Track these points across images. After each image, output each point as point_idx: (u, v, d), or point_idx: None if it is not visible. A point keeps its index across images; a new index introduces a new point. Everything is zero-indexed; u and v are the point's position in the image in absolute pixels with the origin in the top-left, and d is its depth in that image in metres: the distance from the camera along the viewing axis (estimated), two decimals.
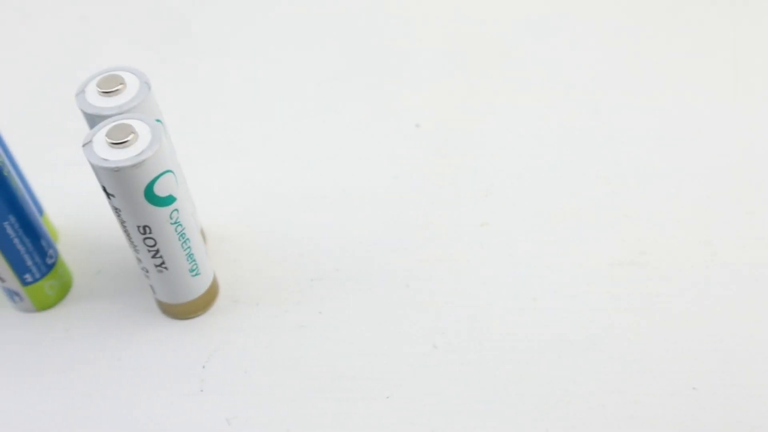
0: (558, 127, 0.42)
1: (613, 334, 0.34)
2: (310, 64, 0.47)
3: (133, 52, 0.49)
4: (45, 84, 0.47)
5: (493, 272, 0.37)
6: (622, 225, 0.38)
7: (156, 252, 0.32)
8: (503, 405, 0.32)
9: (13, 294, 0.35)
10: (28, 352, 0.35)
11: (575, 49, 0.46)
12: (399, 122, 0.43)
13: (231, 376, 0.34)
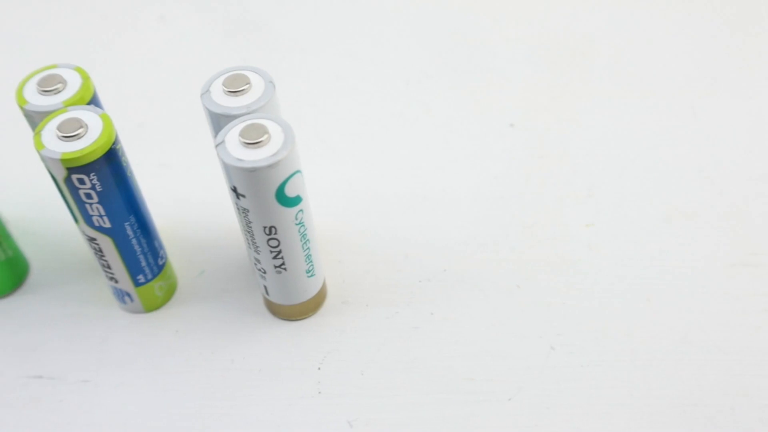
0: (655, 126, 0.42)
1: (736, 336, 0.34)
2: (399, 63, 0.46)
3: (218, 51, 0.49)
4: (122, 84, 0.47)
5: (604, 273, 0.36)
6: (730, 225, 0.37)
7: (278, 253, 0.32)
8: (628, 408, 0.32)
9: (124, 295, 0.35)
10: (140, 354, 0.35)
11: (668, 45, 0.46)
12: (493, 122, 0.43)
13: (348, 377, 0.34)
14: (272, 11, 0.51)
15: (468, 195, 0.40)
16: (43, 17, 0.52)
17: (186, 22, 0.51)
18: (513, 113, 0.43)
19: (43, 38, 0.50)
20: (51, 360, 0.35)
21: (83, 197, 0.30)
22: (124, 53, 0.49)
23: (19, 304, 0.37)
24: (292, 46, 0.49)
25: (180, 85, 0.47)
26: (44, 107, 0.31)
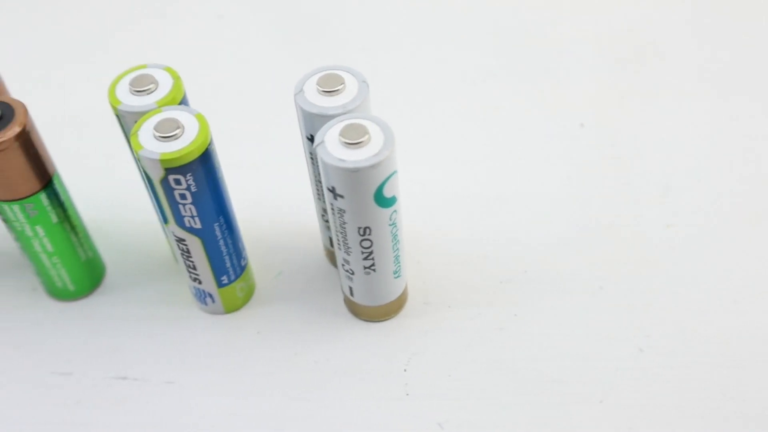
0: (726, 126, 0.42)
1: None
2: (466, 62, 0.46)
3: (277, 50, 0.49)
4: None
5: (687, 274, 0.36)
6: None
7: (369, 254, 0.31)
8: (722, 410, 0.32)
9: (206, 296, 0.35)
10: (222, 355, 0.35)
11: (741, 42, 0.45)
12: (562, 122, 0.43)
13: (435, 379, 0.33)
14: (332, 9, 0.51)
15: (541, 195, 0.39)
16: (99, 18, 0.52)
17: (244, 21, 0.51)
18: (583, 113, 0.43)
19: (103, 39, 0.50)
20: (134, 361, 0.35)
21: (177, 198, 0.30)
22: (183, 53, 0.49)
23: (97, 304, 0.37)
24: (353, 44, 0.49)
25: (241, 83, 0.47)
26: (138, 107, 0.31)
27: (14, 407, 0.34)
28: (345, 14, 0.50)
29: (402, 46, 0.48)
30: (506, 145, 0.42)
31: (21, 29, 0.51)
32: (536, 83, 0.45)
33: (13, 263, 0.38)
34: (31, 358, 0.35)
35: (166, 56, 0.49)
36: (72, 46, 0.49)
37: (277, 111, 0.44)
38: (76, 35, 0.50)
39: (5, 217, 0.32)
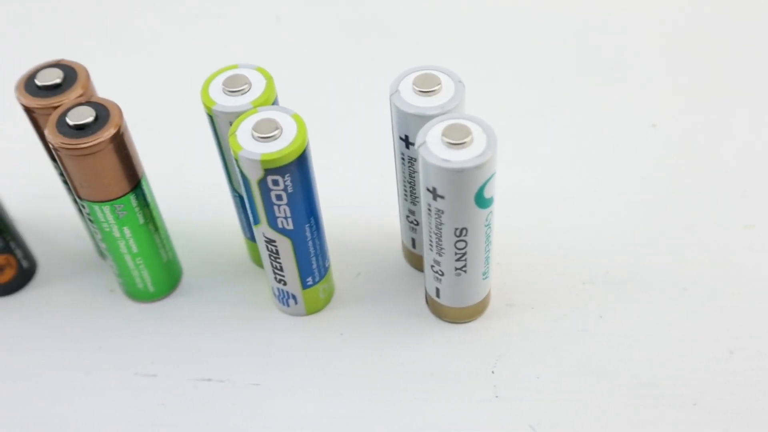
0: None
1: None
2: (534, 63, 0.46)
3: (337, 51, 0.49)
4: None
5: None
6: None
7: (462, 255, 0.31)
8: None
9: (289, 297, 0.35)
10: (306, 357, 0.34)
11: None
12: (634, 122, 0.42)
13: (524, 381, 0.33)
14: (393, 9, 0.51)
15: (617, 196, 0.39)
16: (158, 20, 0.52)
17: (302, 22, 0.51)
18: (654, 113, 0.43)
19: (163, 41, 0.50)
20: (217, 363, 0.34)
21: (273, 199, 0.30)
22: (241, 54, 0.49)
23: (177, 306, 0.37)
24: (415, 45, 0.48)
25: (301, 84, 0.46)
26: (233, 108, 0.30)
27: (101, 408, 0.33)
28: (405, 14, 0.50)
29: (467, 46, 0.48)
30: (576, 146, 0.42)
31: (106, 31, 0.51)
32: (607, 84, 0.44)
33: (89, 264, 0.38)
34: (114, 359, 0.35)
35: (224, 57, 0.49)
36: (136, 47, 0.49)
37: (343, 111, 0.44)
38: (142, 36, 0.50)
39: (93, 218, 0.32)
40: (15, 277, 0.37)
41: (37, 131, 0.33)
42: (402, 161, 0.32)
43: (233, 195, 0.35)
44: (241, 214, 0.35)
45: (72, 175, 0.31)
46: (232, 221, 0.39)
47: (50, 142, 0.30)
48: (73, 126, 0.30)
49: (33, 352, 0.35)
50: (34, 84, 0.32)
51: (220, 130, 0.31)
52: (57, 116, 0.30)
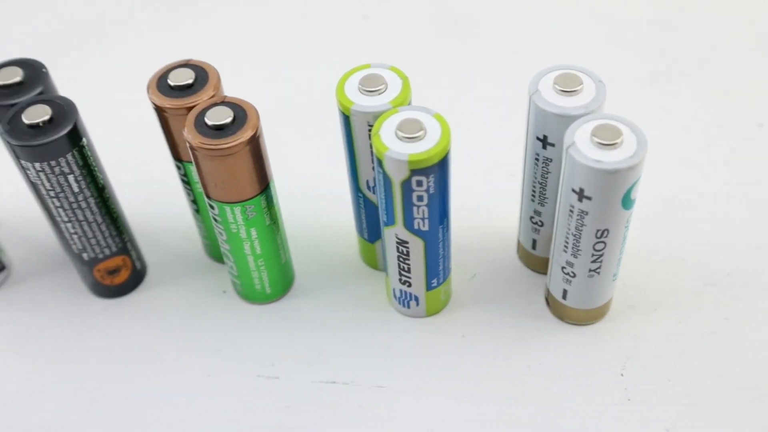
0: None
1: None
2: (631, 62, 0.45)
3: (424, 51, 0.48)
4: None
5: None
6: None
7: (599, 256, 0.31)
8: None
9: (411, 299, 0.34)
10: (429, 358, 0.34)
11: None
12: (739, 121, 0.42)
13: (655, 384, 0.33)
14: (478, 8, 0.50)
15: (727, 196, 0.39)
16: (238, 20, 0.52)
17: (390, 21, 0.50)
18: (760, 113, 0.42)
19: (246, 40, 0.50)
20: (339, 365, 0.34)
21: (414, 200, 0.30)
22: (327, 54, 0.49)
23: (292, 307, 0.36)
24: (503, 44, 0.48)
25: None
26: (372, 108, 0.30)
27: (226, 410, 0.33)
28: (493, 13, 0.50)
29: (555, 45, 0.47)
30: (681, 146, 0.41)
31: (204, 34, 0.51)
32: (710, 83, 0.44)
33: (198, 265, 0.38)
34: (234, 361, 0.34)
35: (309, 57, 0.49)
36: (226, 49, 0.49)
37: (446, 112, 0.44)
38: (233, 38, 0.50)
39: (222, 218, 0.32)
40: (129, 279, 0.37)
41: (165, 130, 0.32)
42: (535, 162, 0.32)
43: (356, 195, 0.34)
44: (361, 214, 0.35)
45: (206, 175, 0.30)
46: (343, 222, 0.39)
47: (189, 141, 0.30)
48: (211, 126, 0.30)
49: (151, 354, 0.35)
50: (167, 84, 0.31)
51: (355, 130, 0.31)
52: (194, 116, 0.30)
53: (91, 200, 0.33)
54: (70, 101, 0.31)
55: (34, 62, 0.33)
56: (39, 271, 0.38)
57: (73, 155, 0.31)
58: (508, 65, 0.47)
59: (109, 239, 0.35)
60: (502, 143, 0.41)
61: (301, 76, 0.47)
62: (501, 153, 0.41)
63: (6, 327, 0.36)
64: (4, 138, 0.30)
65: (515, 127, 0.42)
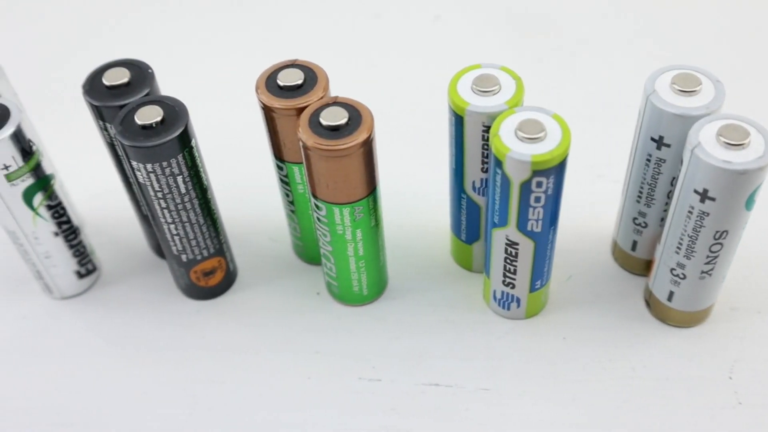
0: None
1: None
2: (711, 60, 0.45)
3: (496, 51, 0.48)
4: (401, 84, 0.46)
5: None
6: None
7: (714, 258, 0.31)
8: None
9: (512, 301, 0.34)
10: (532, 361, 0.34)
11: None
12: None
13: (766, 387, 0.32)
14: (551, 7, 0.50)
15: None
16: (310, 18, 0.52)
17: (462, 21, 0.50)
18: None
19: (316, 39, 0.50)
20: (440, 367, 0.34)
21: (532, 201, 0.29)
22: (399, 53, 0.49)
23: (387, 309, 0.36)
24: (581, 44, 0.48)
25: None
26: (487, 108, 0.30)
27: (330, 413, 0.33)
28: (566, 12, 0.50)
29: (640, 44, 0.47)
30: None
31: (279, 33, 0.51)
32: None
33: (287, 266, 0.38)
34: (333, 363, 0.34)
35: (380, 56, 0.48)
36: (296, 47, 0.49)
37: None
38: (298, 36, 0.50)
39: (329, 219, 0.32)
40: (223, 280, 0.36)
41: (270, 130, 0.32)
42: (647, 162, 0.32)
43: (457, 196, 0.34)
44: (460, 216, 0.35)
45: (318, 176, 0.30)
46: (434, 223, 0.38)
47: (303, 142, 0.29)
48: (326, 127, 0.29)
49: (250, 355, 0.35)
50: (276, 84, 0.31)
51: (467, 131, 0.31)
52: (308, 116, 0.30)
53: (195, 201, 0.32)
54: (181, 102, 0.31)
55: (140, 63, 0.33)
56: (127, 272, 0.38)
57: (183, 156, 0.31)
58: (587, 66, 0.46)
59: (208, 240, 0.34)
60: (588, 145, 0.41)
61: (381, 77, 0.47)
62: (588, 155, 0.41)
63: (101, 328, 0.36)
64: (117, 139, 0.30)
65: (600, 129, 0.42)
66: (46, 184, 0.33)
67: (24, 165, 0.32)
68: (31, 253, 0.35)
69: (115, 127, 0.30)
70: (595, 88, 0.45)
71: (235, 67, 0.46)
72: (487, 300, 0.36)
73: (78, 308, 0.37)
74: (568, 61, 0.47)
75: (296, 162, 0.33)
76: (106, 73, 0.32)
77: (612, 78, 0.45)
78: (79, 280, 0.37)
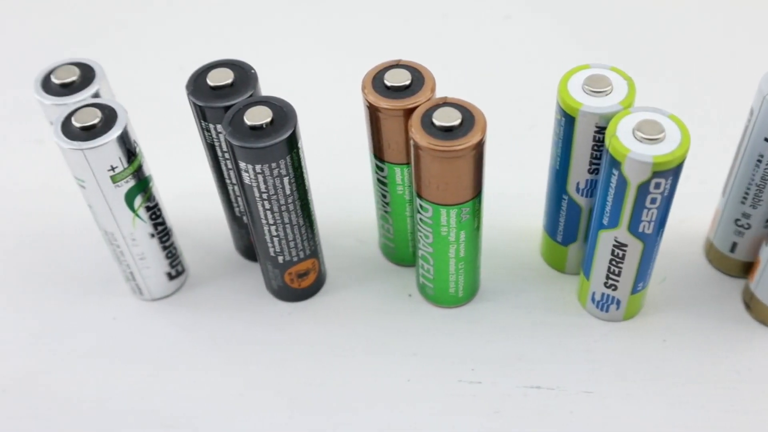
0: None
1: None
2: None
3: (568, 50, 0.48)
4: (468, 83, 0.46)
5: None
6: None
7: None
8: None
9: (611, 303, 0.34)
10: (632, 364, 0.33)
11: None
12: None
13: None
14: (622, 10, 0.50)
15: None
16: (378, 17, 0.51)
17: (533, 22, 0.50)
18: None
19: (381, 38, 0.50)
20: (540, 370, 0.34)
21: (647, 202, 0.29)
22: (468, 53, 0.48)
23: (481, 311, 0.36)
24: (655, 44, 0.47)
25: (529, 84, 0.45)
26: (601, 109, 0.30)
27: (431, 415, 0.33)
28: (643, 10, 0.49)
29: (713, 46, 0.47)
30: None
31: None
32: None
33: (375, 267, 0.38)
34: (432, 365, 0.34)
35: (448, 56, 0.48)
36: (362, 46, 0.49)
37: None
38: (369, 34, 0.50)
39: (434, 221, 0.32)
40: (315, 282, 0.36)
41: (374, 130, 0.32)
42: (757, 163, 0.31)
43: (557, 197, 0.34)
44: (559, 217, 0.34)
45: (429, 177, 0.30)
46: (524, 224, 0.38)
47: (416, 142, 0.29)
48: (439, 127, 0.29)
49: (347, 357, 0.34)
50: (383, 84, 0.31)
51: (578, 131, 0.30)
52: (420, 117, 0.30)
53: (297, 203, 0.32)
54: (288, 103, 0.31)
55: (242, 64, 0.32)
56: (214, 274, 0.38)
57: (291, 158, 0.31)
58: (665, 67, 0.46)
59: (305, 242, 0.34)
60: None
61: (456, 77, 0.46)
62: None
63: (193, 329, 0.36)
64: (227, 139, 0.30)
65: None
66: (146, 185, 0.33)
67: (128, 166, 0.31)
68: (126, 255, 0.34)
69: (224, 127, 0.30)
70: (674, 88, 0.44)
71: (310, 68, 0.47)
72: (582, 302, 0.35)
73: (168, 310, 0.37)
74: (645, 62, 0.46)
75: (399, 163, 0.33)
76: (210, 73, 0.32)
77: (691, 78, 0.45)
78: (169, 282, 0.37)
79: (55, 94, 0.32)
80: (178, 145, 0.41)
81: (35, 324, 0.36)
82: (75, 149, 0.30)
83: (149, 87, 0.46)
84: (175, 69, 0.46)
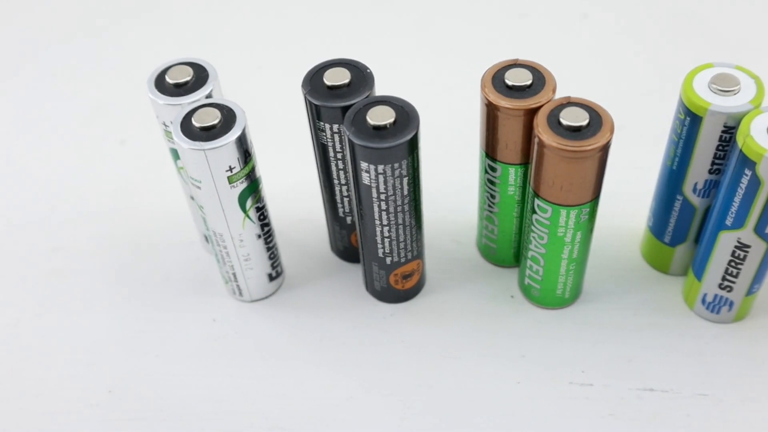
0: None
1: None
2: None
3: (645, 51, 0.47)
4: None
5: None
6: None
7: None
8: None
9: (723, 304, 0.34)
10: (748, 366, 0.33)
11: None
12: None
13: None
14: (704, 6, 0.49)
15: None
16: (461, 17, 0.51)
17: (611, 20, 0.50)
18: None
19: (466, 38, 0.49)
20: (652, 372, 0.33)
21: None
22: (546, 51, 0.48)
23: (585, 313, 0.35)
24: (736, 43, 0.47)
25: (608, 83, 0.45)
26: (731, 108, 0.29)
27: (546, 418, 0.32)
28: (723, 12, 0.49)
29: None
30: None
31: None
32: None
33: (473, 268, 0.37)
34: (542, 367, 0.34)
35: (529, 53, 0.48)
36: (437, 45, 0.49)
37: (658, 111, 0.42)
38: (443, 35, 0.50)
39: (552, 222, 0.31)
40: (417, 283, 0.36)
41: (490, 130, 0.32)
42: None
43: (671, 198, 0.33)
44: (670, 218, 0.34)
45: (554, 177, 0.30)
46: (624, 225, 0.38)
47: (543, 142, 0.29)
48: (567, 127, 0.29)
49: (452, 360, 0.34)
50: (503, 83, 0.31)
51: (704, 131, 0.30)
52: (545, 116, 0.29)
53: (412, 204, 0.32)
54: (410, 103, 0.30)
55: (357, 63, 0.32)
56: (311, 275, 0.38)
57: (412, 158, 0.30)
58: None
59: (414, 243, 0.34)
60: None
61: None
62: None
63: (295, 331, 0.36)
64: (350, 139, 0.29)
65: None
66: (257, 187, 0.33)
67: (244, 167, 0.31)
68: (232, 255, 0.34)
69: (347, 127, 0.30)
70: None
71: (417, 68, 0.46)
72: (690, 303, 0.35)
73: (268, 311, 0.37)
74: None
75: (513, 164, 0.32)
76: (326, 73, 0.32)
77: None
78: (269, 283, 0.36)
79: (170, 94, 0.32)
80: (274, 145, 0.41)
81: (136, 325, 0.36)
82: (196, 150, 0.30)
83: (258, 87, 0.46)
84: (254, 68, 0.46)
